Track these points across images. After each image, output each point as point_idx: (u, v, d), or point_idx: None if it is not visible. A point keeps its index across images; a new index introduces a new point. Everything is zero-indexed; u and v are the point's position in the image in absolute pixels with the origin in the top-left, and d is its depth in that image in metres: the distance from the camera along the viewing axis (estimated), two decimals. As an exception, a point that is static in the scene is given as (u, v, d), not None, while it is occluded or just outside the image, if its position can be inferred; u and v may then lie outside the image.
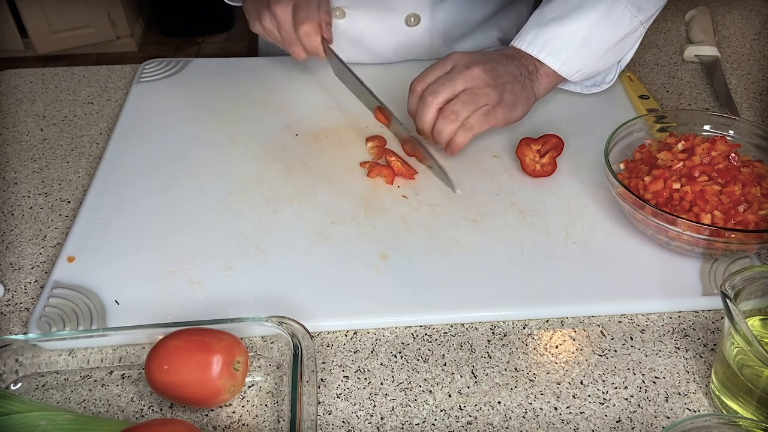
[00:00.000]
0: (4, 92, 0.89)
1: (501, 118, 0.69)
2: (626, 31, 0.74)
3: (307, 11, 0.73)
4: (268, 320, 0.52)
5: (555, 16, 0.72)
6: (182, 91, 0.86)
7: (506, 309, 0.58)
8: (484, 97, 0.68)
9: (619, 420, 0.51)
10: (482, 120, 0.68)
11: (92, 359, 0.54)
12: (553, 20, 0.72)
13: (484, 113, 0.68)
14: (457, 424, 0.51)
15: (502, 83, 0.69)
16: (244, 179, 0.72)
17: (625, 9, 0.72)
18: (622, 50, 0.77)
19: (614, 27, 0.73)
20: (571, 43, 0.72)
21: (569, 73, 0.74)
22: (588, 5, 0.71)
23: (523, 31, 0.74)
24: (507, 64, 0.71)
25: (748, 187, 0.59)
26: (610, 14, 0.72)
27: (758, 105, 0.85)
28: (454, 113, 0.67)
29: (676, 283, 0.60)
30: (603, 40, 0.73)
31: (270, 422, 0.51)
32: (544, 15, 0.73)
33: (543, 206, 0.68)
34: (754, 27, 1.04)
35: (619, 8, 0.72)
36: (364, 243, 0.64)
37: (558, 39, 0.72)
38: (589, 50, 0.73)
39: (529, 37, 0.73)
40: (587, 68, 0.75)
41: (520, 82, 0.71)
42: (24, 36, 2.74)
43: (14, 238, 0.67)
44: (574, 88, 0.81)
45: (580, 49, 0.73)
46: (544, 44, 0.72)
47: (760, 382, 0.46)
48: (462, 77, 0.68)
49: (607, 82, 0.81)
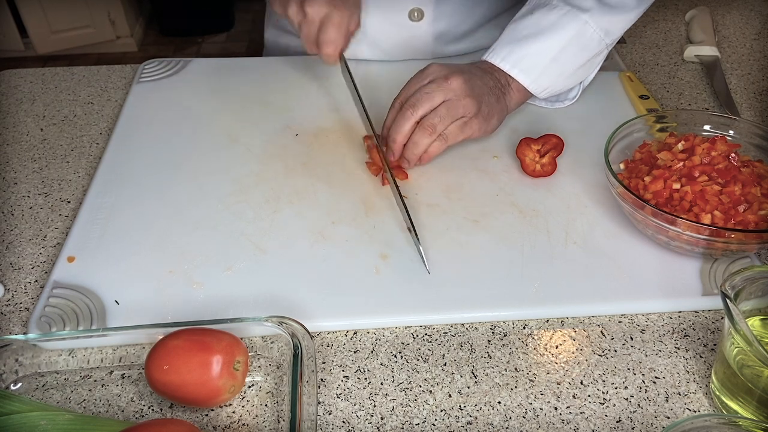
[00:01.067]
0: (4, 92, 0.89)
1: (477, 129, 0.70)
2: (593, 52, 0.75)
3: (337, 32, 0.71)
4: (268, 320, 0.52)
5: (528, 34, 0.73)
6: (182, 91, 0.86)
7: (506, 309, 0.58)
8: (462, 109, 0.68)
9: (619, 420, 0.51)
10: (458, 131, 0.69)
11: (92, 359, 0.54)
12: (526, 37, 0.73)
13: (460, 125, 0.69)
14: (457, 424, 0.51)
15: (479, 95, 0.70)
16: (244, 179, 0.72)
17: (594, 32, 0.73)
18: (587, 71, 0.78)
19: (583, 48, 0.74)
20: (542, 61, 0.73)
21: (538, 90, 0.75)
22: (560, 25, 0.72)
23: (497, 46, 0.74)
24: (482, 77, 0.71)
25: (748, 187, 0.59)
26: (581, 36, 0.73)
27: (758, 105, 0.85)
28: (432, 126, 0.68)
29: (676, 283, 0.60)
30: (572, 60, 0.74)
31: (270, 422, 0.51)
32: (517, 31, 0.74)
33: (543, 206, 0.68)
34: (754, 27, 1.04)
35: (589, 31, 0.73)
36: (364, 243, 0.64)
37: (530, 57, 0.73)
38: (559, 69, 0.74)
39: (503, 53, 0.73)
40: (555, 86, 0.76)
41: (495, 94, 0.72)
42: (24, 36, 2.75)
43: (14, 238, 0.67)
44: (538, 103, 0.82)
45: (550, 68, 0.74)
46: (517, 61, 0.73)
47: (760, 382, 0.46)
48: (441, 89, 0.68)
49: (570, 98, 0.82)
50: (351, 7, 0.73)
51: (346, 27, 0.72)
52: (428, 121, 0.68)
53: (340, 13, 0.71)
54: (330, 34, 0.71)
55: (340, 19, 0.71)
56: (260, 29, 1.02)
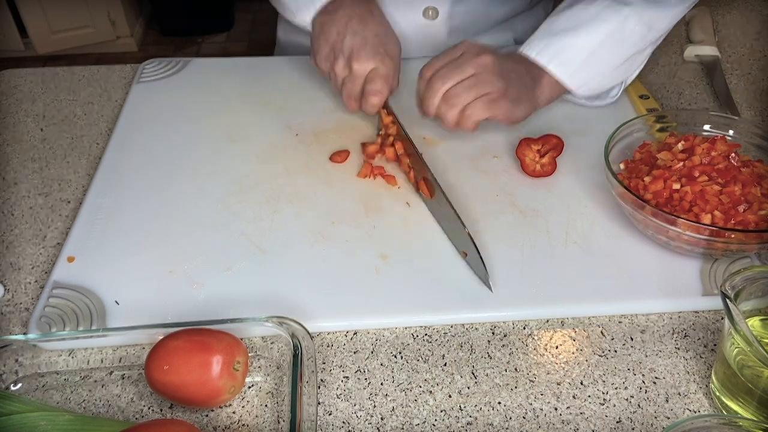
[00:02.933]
0: (4, 92, 0.89)
1: (504, 110, 0.69)
2: (635, 49, 0.74)
3: (384, 83, 0.73)
4: (268, 320, 0.52)
5: (566, 27, 0.72)
6: (182, 91, 0.86)
7: (506, 309, 0.58)
8: (489, 85, 0.67)
9: (620, 420, 0.51)
10: (484, 107, 0.68)
11: (92, 359, 0.54)
12: (564, 31, 0.72)
13: (487, 101, 0.68)
14: (457, 424, 0.51)
15: (508, 76, 0.69)
16: (244, 179, 0.71)
17: (636, 27, 0.72)
18: (628, 69, 0.77)
19: (624, 43, 0.73)
20: (580, 55, 0.72)
21: (575, 86, 0.74)
22: (600, 19, 0.71)
23: (533, 39, 0.74)
24: (516, 65, 0.71)
25: (748, 187, 0.59)
26: (621, 30, 0.72)
27: (758, 105, 0.85)
28: (456, 97, 0.67)
29: (676, 283, 0.60)
30: (612, 55, 0.73)
31: (270, 422, 0.51)
32: (555, 25, 0.73)
33: (543, 206, 0.68)
34: (754, 27, 1.04)
35: (630, 25, 0.72)
36: (364, 243, 0.64)
37: (568, 50, 0.72)
38: (597, 64, 0.73)
39: (540, 46, 0.72)
40: (593, 83, 0.75)
41: (525, 83, 0.71)
42: (24, 36, 2.74)
43: (14, 238, 0.67)
44: (577, 101, 0.80)
45: (589, 62, 0.72)
46: (555, 54, 0.72)
47: (760, 382, 0.46)
48: (471, 63, 0.68)
49: (611, 96, 0.80)
50: (395, 60, 0.75)
51: (392, 79, 0.74)
52: (452, 92, 0.67)
53: (385, 66, 0.73)
54: (377, 85, 0.72)
55: (387, 72, 0.73)
56: (260, 29, 1.02)
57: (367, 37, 0.73)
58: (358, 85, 0.74)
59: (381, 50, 0.73)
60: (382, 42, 0.74)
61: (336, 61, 0.74)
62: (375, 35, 0.74)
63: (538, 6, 0.97)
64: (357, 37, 0.73)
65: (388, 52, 0.74)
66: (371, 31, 0.74)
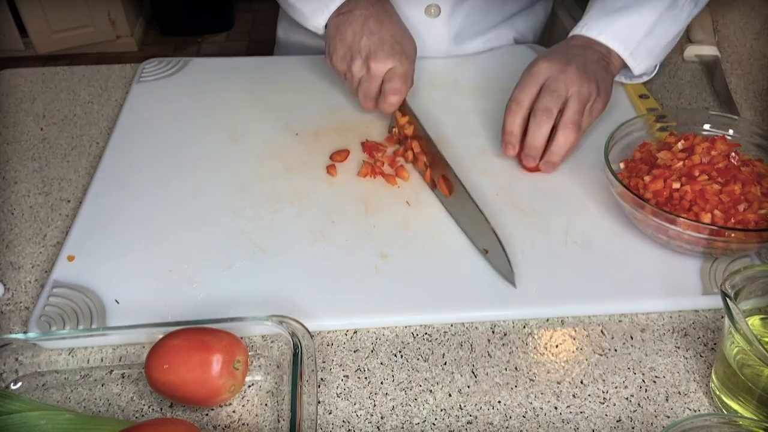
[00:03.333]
0: (4, 92, 0.89)
1: (601, 107, 0.70)
2: (683, 26, 0.75)
3: (403, 82, 0.73)
4: (268, 319, 0.52)
5: (621, 6, 0.73)
6: (182, 91, 0.86)
7: (506, 309, 0.58)
8: (587, 95, 0.68)
9: (620, 419, 0.51)
10: (588, 117, 0.69)
11: (92, 358, 0.54)
12: (620, 9, 0.73)
13: (588, 110, 0.69)
14: (457, 423, 0.51)
15: (594, 74, 0.70)
16: (244, 179, 0.71)
17: (686, 3, 0.73)
18: (671, 47, 0.78)
19: (675, 20, 0.74)
20: (639, 33, 0.73)
21: (634, 64, 0.75)
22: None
23: (590, 19, 0.74)
24: (586, 55, 0.71)
25: (748, 186, 0.59)
26: (673, 7, 0.73)
27: (758, 105, 0.85)
28: (575, 124, 0.67)
29: (676, 282, 0.60)
30: (665, 32, 0.74)
31: (270, 422, 0.51)
32: (610, 3, 0.73)
33: (543, 206, 0.68)
34: (754, 27, 1.04)
35: (681, 1, 0.73)
36: (364, 243, 0.64)
37: (628, 29, 0.72)
38: (654, 41, 0.74)
39: (600, 26, 0.73)
40: (649, 60, 0.76)
41: (603, 67, 0.72)
42: (24, 36, 2.74)
43: (14, 237, 0.67)
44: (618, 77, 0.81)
45: (646, 40, 0.73)
46: (616, 33, 0.73)
47: (760, 381, 0.46)
48: (562, 83, 0.67)
49: (647, 74, 0.81)
50: (412, 59, 0.75)
51: (410, 78, 0.74)
52: (569, 119, 0.67)
53: (403, 66, 0.73)
54: (396, 84, 0.73)
55: (405, 71, 0.73)
56: (260, 29, 1.02)
57: (384, 37, 0.73)
58: (375, 84, 0.74)
59: (398, 49, 0.73)
60: (399, 42, 0.74)
61: (353, 62, 0.74)
62: (392, 35, 0.74)
63: (538, 4, 0.97)
64: (374, 37, 0.73)
65: (405, 52, 0.74)
66: (388, 31, 0.74)
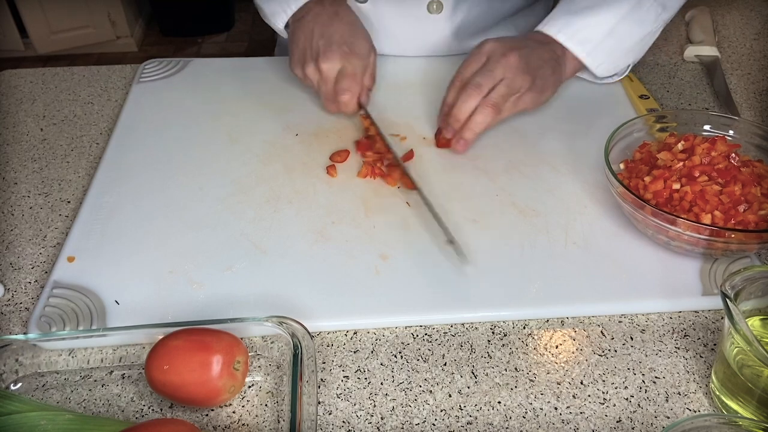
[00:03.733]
0: (4, 92, 0.89)
1: (529, 102, 0.72)
2: (649, 29, 0.76)
3: (352, 81, 0.74)
4: (268, 320, 0.52)
5: (586, 6, 0.74)
6: (182, 91, 0.86)
7: (506, 309, 0.58)
8: (518, 84, 0.69)
9: (620, 420, 0.51)
10: (512, 107, 0.71)
11: (92, 359, 0.54)
12: (583, 9, 0.74)
13: (514, 100, 0.70)
14: (457, 424, 0.51)
15: (535, 69, 0.71)
16: (244, 179, 0.72)
17: (652, 6, 0.74)
18: (641, 50, 0.79)
19: (640, 23, 0.75)
20: (598, 34, 0.74)
21: (593, 64, 0.76)
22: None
23: (552, 18, 0.75)
24: (537, 49, 0.72)
25: (748, 187, 0.59)
26: (638, 10, 0.73)
27: (758, 105, 0.85)
28: (495, 105, 0.69)
29: (676, 283, 0.60)
30: (628, 34, 0.75)
31: (270, 422, 0.51)
32: (575, 3, 0.75)
33: (543, 206, 0.68)
34: (754, 27, 1.04)
35: (646, 4, 0.74)
36: (364, 243, 0.64)
37: (587, 29, 0.73)
38: (615, 43, 0.75)
39: (559, 24, 0.74)
40: (610, 61, 0.77)
41: (550, 66, 0.73)
42: (24, 36, 2.75)
43: (14, 238, 0.67)
44: (587, 77, 0.83)
45: (606, 41, 0.74)
46: (575, 33, 0.74)
47: (760, 382, 0.46)
48: (500, 66, 0.69)
49: (618, 75, 0.83)
50: (363, 57, 0.76)
51: (360, 76, 0.75)
52: (491, 100, 0.69)
53: (352, 65, 0.75)
54: (344, 83, 0.74)
55: (353, 69, 0.75)
56: (260, 29, 1.03)
57: (333, 38, 0.75)
58: (330, 85, 0.75)
59: (346, 49, 0.74)
60: (347, 41, 0.75)
61: (306, 66, 0.76)
62: (340, 35, 0.75)
63: (539, 2, 0.97)
64: (322, 40, 0.75)
65: (354, 50, 0.75)
66: (336, 32, 0.75)
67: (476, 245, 0.63)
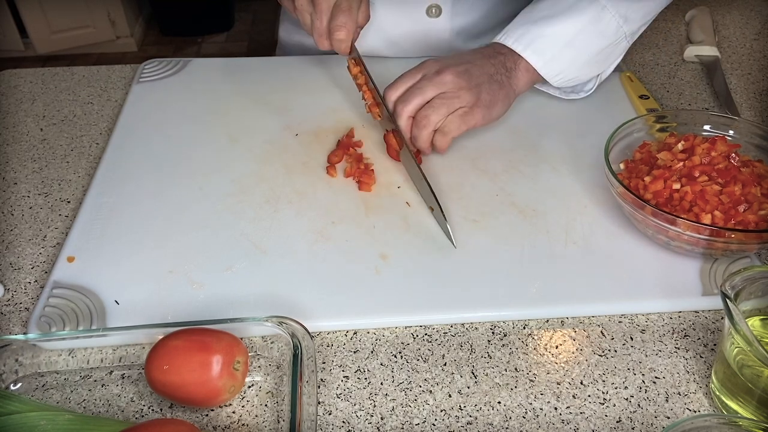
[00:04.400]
0: (4, 92, 0.89)
1: (480, 118, 0.70)
2: (610, 41, 0.74)
3: (348, 17, 0.71)
4: (268, 320, 0.52)
5: (544, 16, 0.73)
6: (182, 91, 0.86)
7: (506, 309, 0.58)
8: (457, 101, 0.68)
9: (620, 420, 0.51)
10: (459, 122, 0.69)
11: (92, 359, 0.54)
12: (541, 19, 0.73)
13: (460, 115, 0.69)
14: (457, 424, 0.51)
15: (478, 84, 0.70)
16: (244, 179, 0.71)
17: (612, 18, 0.73)
18: (604, 62, 0.77)
19: (600, 34, 0.73)
20: (556, 44, 0.72)
21: (550, 74, 0.74)
22: (578, 9, 0.72)
23: (510, 28, 0.74)
24: (482, 64, 0.71)
25: (748, 187, 0.59)
26: (598, 21, 0.72)
27: (758, 105, 0.85)
28: (425, 118, 0.68)
29: (676, 283, 0.60)
30: (588, 46, 0.74)
31: (270, 422, 0.51)
32: (533, 13, 0.74)
33: (543, 206, 0.68)
34: (754, 27, 1.04)
35: (607, 16, 0.72)
36: (364, 243, 0.64)
37: (544, 38, 0.72)
38: (573, 54, 0.74)
39: (516, 34, 0.73)
40: (568, 73, 0.75)
41: (497, 81, 0.72)
42: (24, 36, 2.75)
43: (14, 238, 0.67)
44: (553, 92, 0.81)
45: (564, 52, 0.73)
46: (530, 42, 0.72)
47: (760, 382, 0.46)
48: (432, 84, 0.68)
49: (585, 90, 0.81)
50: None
51: (356, 12, 0.72)
52: (421, 113, 0.68)
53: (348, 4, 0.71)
54: (340, 19, 0.70)
55: (349, 4, 0.71)
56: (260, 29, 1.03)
57: None
58: (325, 20, 0.71)
59: None
60: None
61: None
62: None
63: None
64: None
65: None
66: None
67: (476, 245, 0.63)
